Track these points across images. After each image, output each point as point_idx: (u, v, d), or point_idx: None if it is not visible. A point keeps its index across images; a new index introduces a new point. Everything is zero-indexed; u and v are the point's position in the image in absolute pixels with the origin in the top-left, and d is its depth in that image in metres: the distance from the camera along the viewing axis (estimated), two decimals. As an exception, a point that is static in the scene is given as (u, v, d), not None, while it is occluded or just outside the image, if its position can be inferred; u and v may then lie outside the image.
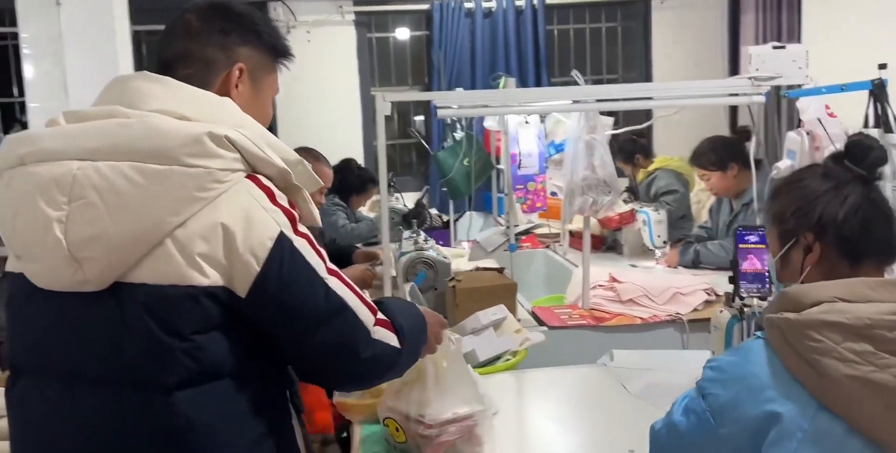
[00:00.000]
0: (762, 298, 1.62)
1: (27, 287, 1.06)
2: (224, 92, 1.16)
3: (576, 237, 3.63)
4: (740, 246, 1.62)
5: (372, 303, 1.16)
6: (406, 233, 2.80)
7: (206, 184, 1.00)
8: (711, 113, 5.07)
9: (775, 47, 2.12)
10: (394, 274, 2.45)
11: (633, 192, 3.63)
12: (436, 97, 1.91)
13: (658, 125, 5.28)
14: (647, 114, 5.31)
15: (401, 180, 4.99)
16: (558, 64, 5.39)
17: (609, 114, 3.18)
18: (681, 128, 5.06)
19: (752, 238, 1.63)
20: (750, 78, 2.07)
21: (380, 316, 1.15)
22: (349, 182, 3.83)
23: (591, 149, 2.38)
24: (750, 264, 1.62)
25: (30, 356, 1.09)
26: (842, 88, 1.96)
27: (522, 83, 4.92)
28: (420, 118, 5.40)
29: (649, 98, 2.19)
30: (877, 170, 1.21)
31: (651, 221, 3.17)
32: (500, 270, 2.42)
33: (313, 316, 1.06)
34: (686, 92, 2.13)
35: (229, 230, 1.00)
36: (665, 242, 3.19)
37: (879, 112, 1.91)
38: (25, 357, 1.10)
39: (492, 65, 4.92)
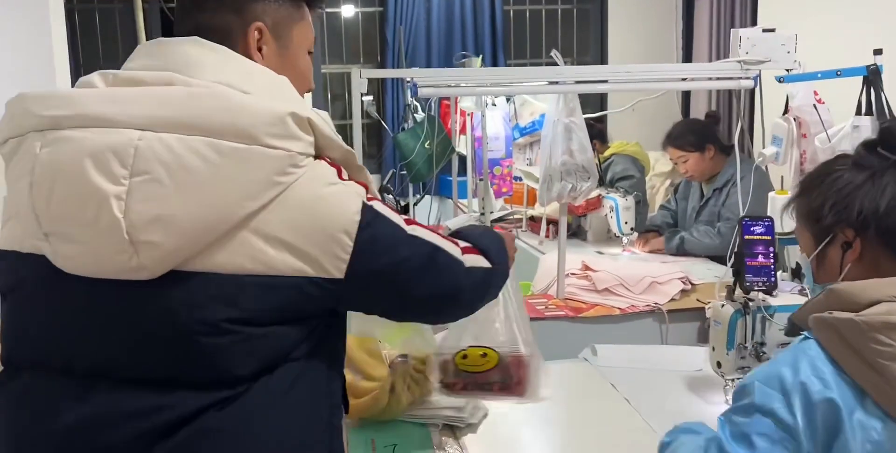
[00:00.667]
0: (767, 292, 1.56)
1: (45, 271, 0.93)
2: (249, 57, 1.04)
3: (535, 222, 3.55)
4: (746, 237, 1.55)
5: (451, 238, 1.14)
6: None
7: (286, 168, 0.92)
8: (665, 98, 5.05)
9: (765, 31, 2.05)
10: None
11: (600, 178, 3.57)
12: (417, 75, 1.77)
13: (613, 109, 5.24)
14: (603, 98, 5.35)
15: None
16: (514, 45, 5.29)
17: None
18: (633, 114, 5.04)
19: (758, 228, 1.56)
20: (739, 61, 2.00)
21: (463, 244, 1.13)
22: None
23: (570, 132, 2.28)
24: (756, 257, 1.54)
25: (40, 350, 0.96)
26: (837, 74, 1.90)
27: (482, 64, 4.79)
28: (369, 98, 5.22)
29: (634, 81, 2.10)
30: None
31: (619, 208, 3.10)
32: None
33: (415, 267, 1.02)
34: (672, 75, 2.04)
35: (315, 212, 0.93)
36: (632, 229, 3.13)
37: (874, 99, 1.86)
38: (30, 351, 0.97)
39: (448, 45, 4.78)
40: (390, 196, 3.99)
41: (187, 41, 1.01)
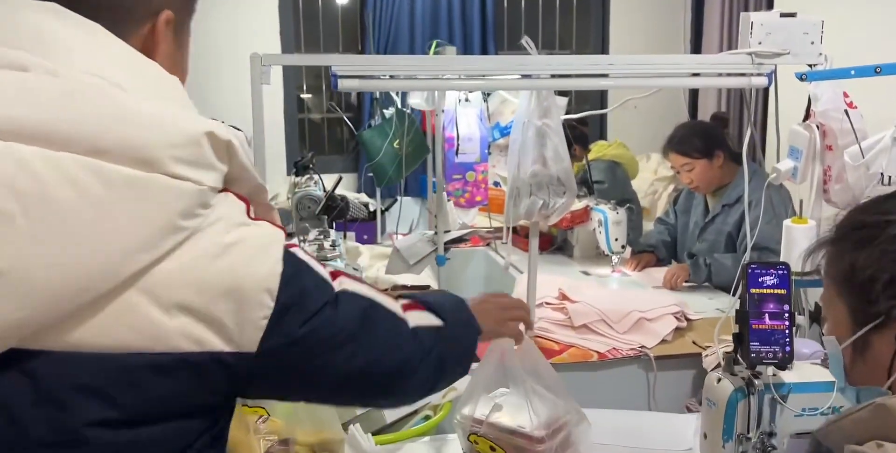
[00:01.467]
0: (780, 366, 1.15)
1: None
2: (147, 53, 0.78)
3: (520, 235, 3.16)
4: (752, 291, 1.14)
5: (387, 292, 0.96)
6: (312, 233, 2.27)
7: (194, 208, 0.70)
8: (672, 94, 4.64)
9: (783, 15, 1.64)
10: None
11: (588, 186, 3.16)
12: (336, 62, 1.37)
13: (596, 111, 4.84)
14: (603, 96, 4.92)
15: (328, 160, 4.43)
16: (507, 35, 4.86)
17: (562, 94, 2.71)
18: (635, 114, 4.62)
19: (769, 279, 1.15)
20: (750, 53, 1.59)
21: (402, 301, 0.96)
22: None
23: (543, 137, 1.88)
24: (764, 318, 1.14)
25: None
26: (876, 71, 1.49)
27: (468, 53, 4.38)
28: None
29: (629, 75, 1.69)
30: None
31: (608, 222, 2.70)
32: (426, 289, 1.91)
33: (347, 329, 0.83)
34: (666, 69, 1.63)
35: (225, 264, 0.71)
36: (623, 247, 2.73)
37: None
38: None
39: (433, 32, 4.35)
40: (359, 198, 3.62)
41: (39, 7, 0.72)
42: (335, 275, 0.87)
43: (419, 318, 0.94)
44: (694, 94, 4.70)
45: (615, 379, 1.88)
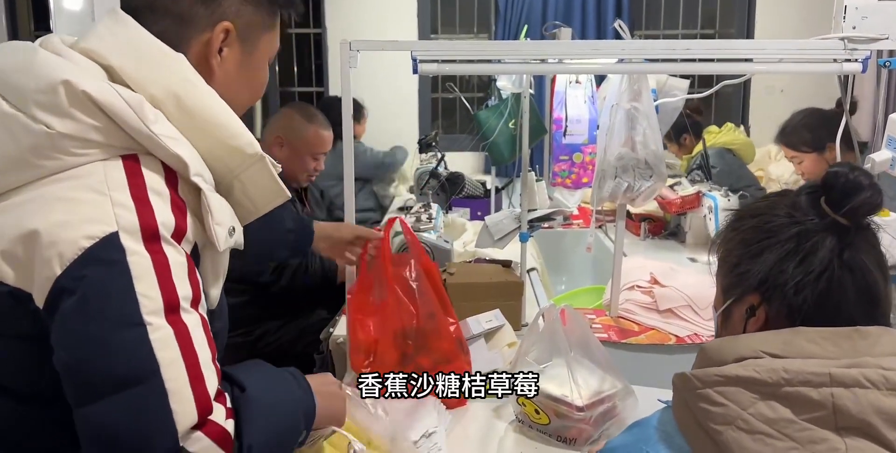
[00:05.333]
0: None
1: None
2: (202, 60, 0.92)
3: (634, 220, 3.15)
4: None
5: (212, 392, 0.77)
6: (416, 206, 2.40)
7: (44, 150, 0.78)
8: (823, 80, 4.37)
9: (884, -2, 1.56)
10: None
11: (706, 171, 3.10)
12: (417, 47, 1.47)
13: (756, 93, 4.63)
14: (746, 83, 4.70)
15: (451, 138, 4.56)
16: (646, 15, 4.76)
17: (684, 77, 2.67)
18: (781, 98, 4.40)
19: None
20: (842, 38, 1.53)
21: (215, 416, 0.77)
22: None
23: (633, 121, 1.90)
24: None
25: None
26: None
27: (601, 36, 4.34)
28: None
29: (710, 60, 1.67)
30: (864, 218, 0.86)
31: (718, 208, 2.65)
32: (507, 264, 1.99)
33: (101, 370, 0.74)
34: (749, 54, 1.60)
35: (44, 214, 0.76)
36: (733, 234, 2.66)
37: None
38: None
39: (566, 14, 4.35)
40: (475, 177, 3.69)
41: (112, 11, 0.89)
42: (175, 321, 0.76)
43: (205, 450, 0.76)
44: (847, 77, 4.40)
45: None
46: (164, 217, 0.79)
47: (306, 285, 2.20)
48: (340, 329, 1.90)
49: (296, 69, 5.09)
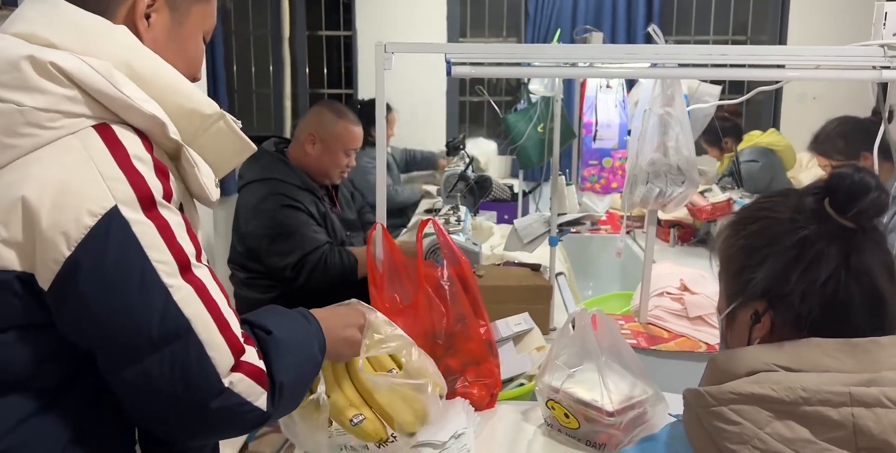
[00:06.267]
0: None
1: None
2: (130, 24, 0.89)
3: (663, 226, 3.14)
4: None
5: (239, 334, 0.82)
6: (444, 208, 2.40)
7: (17, 128, 0.77)
8: (858, 87, 4.32)
9: (928, 3, 1.55)
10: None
11: (737, 178, 3.07)
12: (451, 50, 1.47)
13: (789, 100, 4.59)
14: (778, 91, 4.66)
15: (485, 142, 4.57)
16: (677, 20, 4.73)
17: (716, 82, 2.65)
18: (813, 105, 4.36)
19: None
20: (882, 45, 1.52)
21: (247, 357, 0.83)
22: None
23: (665, 126, 1.89)
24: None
25: None
26: None
27: (631, 41, 4.33)
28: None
29: (744, 66, 1.66)
30: (871, 221, 0.83)
31: (748, 215, 2.62)
32: (536, 268, 1.99)
33: (136, 336, 0.77)
34: (783, 60, 1.59)
35: (36, 196, 0.76)
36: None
37: None
38: None
39: (596, 18, 4.35)
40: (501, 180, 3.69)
41: None
42: (192, 279, 0.81)
43: (246, 389, 0.82)
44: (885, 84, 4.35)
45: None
46: (153, 182, 0.80)
47: (328, 280, 2.22)
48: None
49: (326, 71, 5.13)
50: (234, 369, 0.81)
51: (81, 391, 0.83)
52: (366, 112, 3.69)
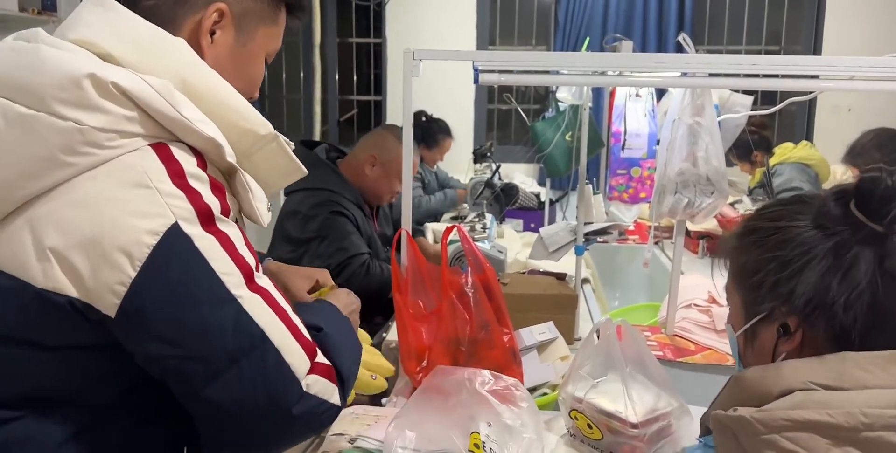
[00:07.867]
0: None
1: None
2: (193, 42, 0.89)
3: (692, 236, 3.10)
4: None
5: (309, 337, 0.84)
6: (470, 215, 2.40)
7: (76, 146, 0.76)
8: (893, 99, 4.25)
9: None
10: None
11: (768, 190, 3.03)
12: (479, 57, 1.47)
13: (822, 111, 4.52)
14: (783, 98, 4.58)
15: (506, 150, 4.56)
16: (709, 29, 4.69)
17: (748, 93, 2.62)
18: (849, 116, 4.29)
19: None
20: (922, 56, 1.49)
21: (319, 358, 0.85)
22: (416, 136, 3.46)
23: (695, 136, 1.87)
24: None
25: None
26: None
27: (661, 50, 4.30)
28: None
29: (774, 76, 1.64)
30: None
31: (779, 227, 2.59)
32: (561, 277, 1.97)
33: (212, 351, 0.78)
34: (821, 70, 1.57)
35: (94, 218, 0.75)
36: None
37: None
38: None
39: (626, 27, 4.32)
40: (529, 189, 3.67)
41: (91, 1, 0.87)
42: (258, 289, 0.81)
43: (322, 389, 0.84)
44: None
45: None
46: (210, 199, 0.80)
47: (366, 290, 2.23)
48: (393, 334, 1.92)
49: (355, 78, 5.17)
50: (309, 371, 0.83)
51: (131, 409, 0.84)
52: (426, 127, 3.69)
